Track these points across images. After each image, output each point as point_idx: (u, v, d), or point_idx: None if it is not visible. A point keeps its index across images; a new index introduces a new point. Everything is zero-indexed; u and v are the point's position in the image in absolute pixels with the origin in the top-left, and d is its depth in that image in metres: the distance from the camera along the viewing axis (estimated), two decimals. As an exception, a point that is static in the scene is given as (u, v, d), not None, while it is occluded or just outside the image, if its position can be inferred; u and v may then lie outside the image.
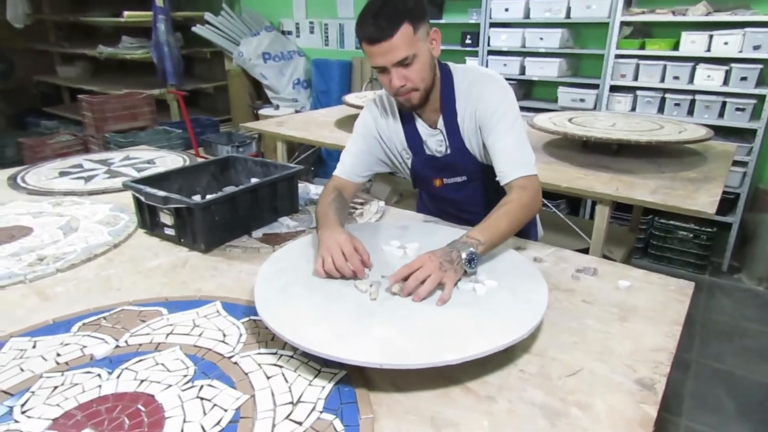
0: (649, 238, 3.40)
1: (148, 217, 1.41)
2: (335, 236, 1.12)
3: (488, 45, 3.83)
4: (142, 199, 1.37)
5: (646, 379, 0.86)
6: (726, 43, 2.99)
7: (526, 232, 1.45)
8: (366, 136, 1.44)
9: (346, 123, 2.91)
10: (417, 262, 1.02)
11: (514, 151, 1.27)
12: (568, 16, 3.47)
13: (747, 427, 2.04)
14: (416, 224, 1.41)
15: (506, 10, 3.67)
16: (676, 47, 3.19)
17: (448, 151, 1.39)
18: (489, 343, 0.85)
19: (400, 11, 1.14)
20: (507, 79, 1.38)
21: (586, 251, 1.99)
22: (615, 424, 0.77)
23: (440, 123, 1.36)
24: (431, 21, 1.28)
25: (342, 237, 1.11)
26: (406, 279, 1.01)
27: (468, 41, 3.93)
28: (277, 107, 4.84)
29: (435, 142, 1.39)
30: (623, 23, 3.28)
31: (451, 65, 1.36)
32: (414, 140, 1.40)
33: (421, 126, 1.39)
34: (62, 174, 1.94)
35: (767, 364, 2.40)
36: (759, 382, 2.29)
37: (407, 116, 1.39)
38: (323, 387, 0.83)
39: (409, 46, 1.16)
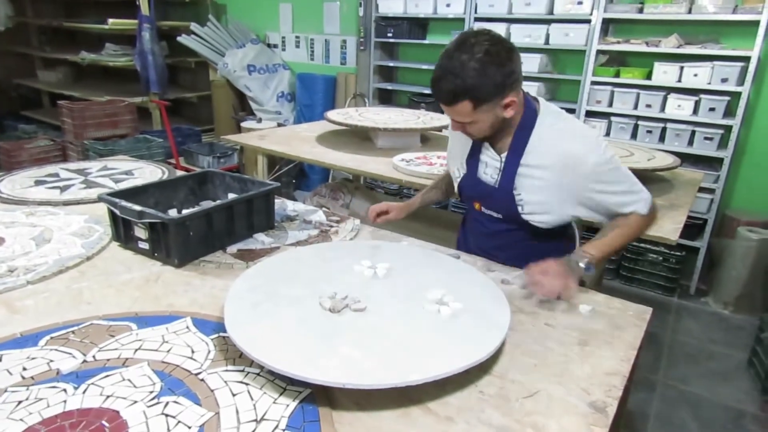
0: (620, 260, 3.49)
1: (122, 230, 1.42)
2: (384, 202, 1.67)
3: (470, 66, 3.91)
4: (117, 212, 1.38)
5: (599, 402, 0.90)
6: (696, 75, 3.11)
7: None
8: (452, 138, 1.55)
9: (328, 139, 2.94)
10: (543, 265, 1.19)
11: (631, 193, 1.32)
12: (547, 42, 3.58)
13: (708, 448, 2.10)
14: (388, 244, 1.44)
15: (488, 33, 3.76)
16: (649, 76, 3.31)
17: (496, 186, 1.37)
18: (449, 365, 0.88)
19: (462, 89, 1.16)
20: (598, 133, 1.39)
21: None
22: (567, 446, 0.80)
23: (505, 155, 1.34)
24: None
25: (383, 203, 1.66)
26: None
27: (450, 62, 4.00)
28: (259, 120, 4.86)
29: (492, 168, 1.38)
30: (599, 51, 3.40)
31: (542, 103, 1.33)
32: (473, 158, 1.43)
33: (486, 149, 1.39)
34: (38, 183, 1.93)
35: (731, 387, 2.47)
36: (723, 404, 2.35)
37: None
38: (287, 405, 0.85)
39: (468, 116, 1.22)
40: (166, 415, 0.81)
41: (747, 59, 2.94)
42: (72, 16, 5.59)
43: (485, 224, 1.49)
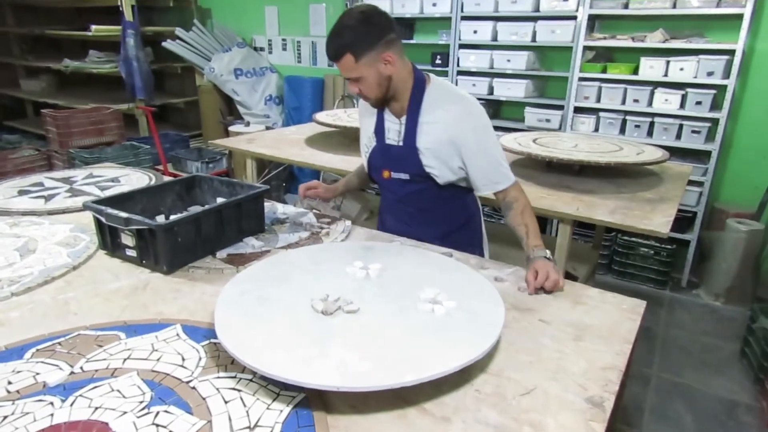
0: (612, 255, 3.50)
1: (109, 238, 1.39)
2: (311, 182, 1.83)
3: (458, 65, 3.92)
4: (103, 220, 1.35)
5: (596, 397, 0.89)
6: (682, 69, 3.14)
7: (467, 248, 1.56)
8: (361, 120, 1.73)
9: (317, 141, 2.93)
10: (542, 271, 1.26)
11: (497, 164, 1.50)
12: (534, 39, 3.59)
13: (704, 439, 2.10)
14: (380, 245, 1.43)
15: (475, 32, 3.77)
16: (635, 72, 3.33)
17: (401, 143, 1.54)
18: (444, 365, 0.87)
19: (343, 44, 1.37)
20: (476, 98, 1.56)
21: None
22: (565, 443, 0.80)
23: (404, 118, 1.54)
24: (402, 41, 1.48)
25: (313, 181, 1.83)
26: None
27: (438, 61, 4.01)
28: (247, 124, 4.83)
29: (394, 131, 1.56)
30: (586, 47, 3.41)
31: (429, 76, 1.55)
32: (380, 128, 1.60)
33: (387, 115, 1.58)
34: (21, 193, 1.90)
35: (724, 378, 2.49)
36: (716, 395, 2.36)
37: (382, 108, 1.59)
38: (281, 411, 0.83)
39: (352, 70, 1.40)
40: (157, 425, 0.79)
41: (732, 52, 2.97)
42: (54, 24, 5.53)
43: (396, 191, 1.64)
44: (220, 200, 1.59)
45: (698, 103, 3.12)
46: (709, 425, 2.18)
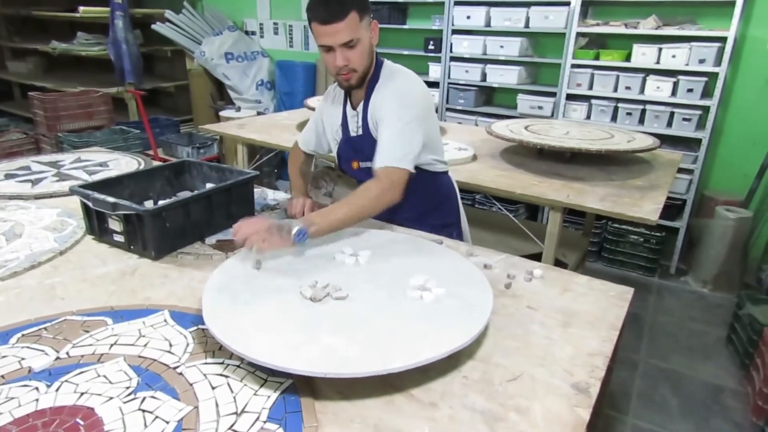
0: (602, 242, 3.52)
1: (96, 224, 1.38)
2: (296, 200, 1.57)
3: (450, 51, 3.88)
4: (90, 205, 1.34)
5: (582, 383, 0.90)
6: (674, 56, 3.13)
7: (443, 231, 1.54)
8: (317, 119, 1.69)
9: (308, 126, 2.90)
10: (251, 220, 1.17)
11: (390, 142, 1.37)
12: (527, 25, 3.57)
13: (690, 424, 2.14)
14: (370, 231, 1.43)
15: (468, 17, 3.74)
16: (628, 59, 3.32)
17: (360, 132, 1.53)
18: (432, 351, 0.87)
19: (348, 0, 1.30)
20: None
21: (541, 256, 2.05)
22: (551, 427, 0.80)
23: (360, 106, 1.51)
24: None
25: (296, 203, 1.55)
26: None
27: (431, 47, 3.97)
28: (238, 109, 4.78)
29: (353, 122, 1.54)
30: (579, 34, 3.39)
31: (387, 63, 1.51)
32: (344, 121, 1.57)
33: (348, 107, 1.56)
34: (8, 176, 1.87)
35: (711, 363, 2.52)
36: (702, 380, 2.40)
37: (345, 99, 1.56)
38: (268, 396, 0.83)
39: (354, 31, 1.32)
40: (143, 411, 0.79)
41: (723, 39, 2.96)
42: (41, 4, 5.41)
43: (366, 179, 1.52)
44: (209, 186, 1.57)
45: (689, 90, 3.13)
46: (695, 409, 2.22)
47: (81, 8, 4.55)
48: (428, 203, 1.66)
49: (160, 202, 1.52)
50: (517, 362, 0.95)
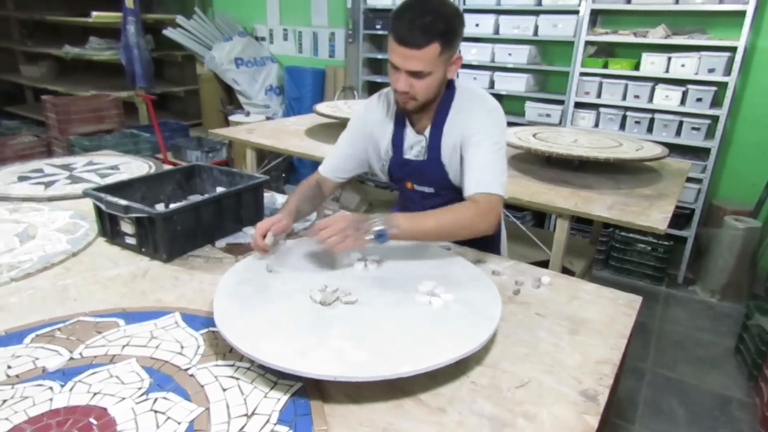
0: (610, 250, 3.51)
1: (108, 226, 1.40)
2: (269, 217, 1.29)
3: (459, 58, 3.89)
4: (103, 207, 1.36)
5: (590, 391, 0.90)
6: (683, 66, 3.13)
7: (486, 247, 1.50)
8: (355, 136, 1.50)
9: (317, 132, 2.92)
10: (331, 219, 1.14)
11: (483, 167, 1.28)
12: (535, 33, 3.58)
13: (697, 434, 2.13)
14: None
15: (477, 25, 3.76)
16: (637, 67, 3.32)
17: (425, 158, 1.42)
18: (441, 356, 0.87)
19: (436, 30, 1.18)
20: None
21: (548, 263, 2.05)
22: (559, 435, 0.81)
23: (428, 131, 1.39)
24: None
25: (267, 219, 1.27)
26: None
27: (439, 54, 3.99)
28: (248, 114, 4.81)
29: (417, 147, 1.42)
30: (588, 42, 3.40)
31: (458, 82, 1.40)
32: (398, 140, 1.44)
33: (409, 130, 1.43)
34: (21, 179, 1.90)
35: (718, 373, 2.51)
36: (709, 390, 2.38)
37: (400, 117, 1.43)
38: (279, 399, 0.84)
39: (429, 63, 1.21)
40: (155, 412, 0.80)
41: (733, 49, 2.96)
42: (54, 9, 5.49)
43: (418, 201, 1.50)
44: (219, 190, 1.59)
45: (699, 99, 3.12)
46: (702, 420, 2.20)
47: (93, 13, 4.61)
48: None
49: (172, 206, 1.54)
50: (525, 369, 0.96)
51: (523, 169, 2.34)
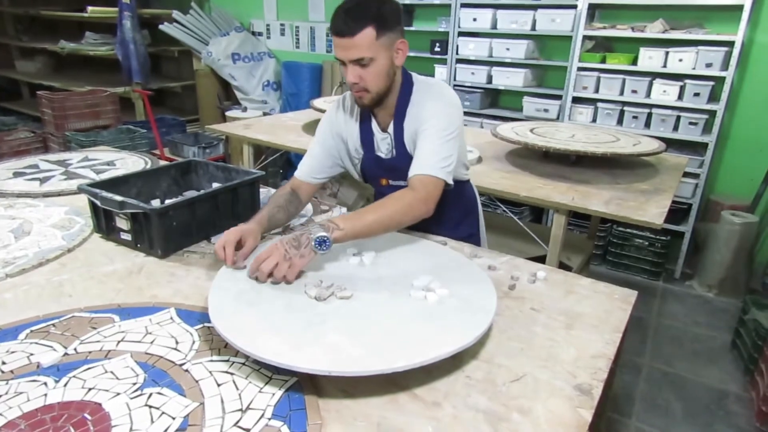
0: (607, 246, 3.51)
1: (104, 222, 1.39)
2: (234, 228, 1.24)
3: (456, 53, 3.89)
4: (98, 203, 1.35)
5: (584, 385, 0.90)
6: (681, 60, 3.12)
7: (470, 237, 1.53)
8: (326, 137, 1.52)
9: (314, 127, 2.88)
10: (265, 252, 1.10)
11: (427, 153, 1.28)
12: (533, 28, 3.57)
13: (694, 428, 2.13)
14: (376, 232, 1.43)
15: (474, 20, 3.75)
16: (634, 62, 3.31)
17: (394, 154, 1.44)
18: (436, 351, 0.87)
19: (368, 14, 1.21)
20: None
21: (545, 258, 2.05)
22: (553, 428, 0.81)
23: (390, 127, 1.41)
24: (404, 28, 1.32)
25: (234, 228, 1.23)
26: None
27: (437, 49, 3.98)
28: (245, 109, 4.80)
29: (384, 144, 1.45)
30: (586, 37, 3.39)
31: (416, 76, 1.41)
32: (366, 139, 1.46)
33: (375, 127, 1.45)
34: (17, 175, 1.89)
35: (715, 368, 2.52)
36: (706, 385, 2.39)
37: (365, 115, 1.44)
38: (273, 394, 0.84)
39: (368, 49, 1.23)
40: (150, 407, 0.80)
41: (731, 44, 2.95)
42: (50, 4, 5.45)
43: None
44: (215, 185, 1.59)
45: (696, 94, 3.12)
46: (699, 414, 2.21)
47: (89, 8, 4.58)
48: (457, 216, 1.59)
49: (167, 201, 1.53)
50: (520, 363, 0.96)
51: (521, 164, 2.34)
